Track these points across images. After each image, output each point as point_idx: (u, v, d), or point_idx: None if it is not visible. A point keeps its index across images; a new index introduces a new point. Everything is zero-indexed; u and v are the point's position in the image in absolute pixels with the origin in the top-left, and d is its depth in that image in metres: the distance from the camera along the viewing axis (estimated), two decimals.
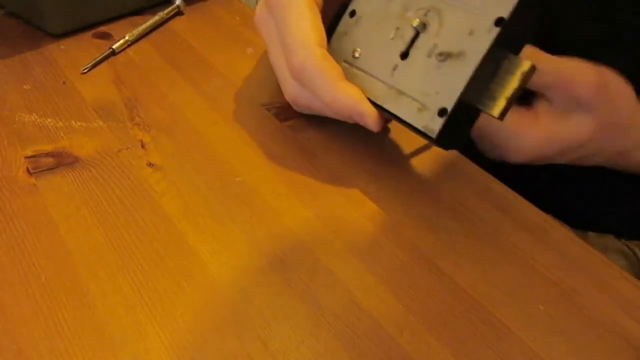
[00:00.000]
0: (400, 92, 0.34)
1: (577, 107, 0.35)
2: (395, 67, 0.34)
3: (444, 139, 0.32)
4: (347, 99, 0.34)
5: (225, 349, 0.27)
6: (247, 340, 0.27)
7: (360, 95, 0.34)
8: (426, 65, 0.33)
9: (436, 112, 0.32)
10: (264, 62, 0.50)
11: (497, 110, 0.30)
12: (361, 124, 0.35)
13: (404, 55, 0.34)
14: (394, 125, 0.42)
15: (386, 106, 0.34)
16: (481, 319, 0.29)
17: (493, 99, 0.31)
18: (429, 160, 0.39)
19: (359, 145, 0.40)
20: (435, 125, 0.32)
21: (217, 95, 0.45)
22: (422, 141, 0.41)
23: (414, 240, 0.33)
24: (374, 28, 0.36)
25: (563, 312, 0.29)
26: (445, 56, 0.32)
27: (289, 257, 0.32)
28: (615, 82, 0.35)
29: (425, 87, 0.32)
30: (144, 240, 0.32)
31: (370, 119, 0.34)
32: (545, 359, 0.27)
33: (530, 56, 0.34)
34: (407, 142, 0.41)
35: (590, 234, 0.49)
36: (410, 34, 0.34)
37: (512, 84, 0.30)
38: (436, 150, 0.40)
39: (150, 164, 0.37)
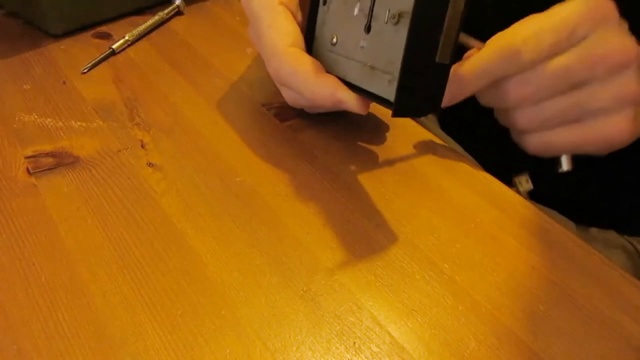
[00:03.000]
0: (372, 68, 0.33)
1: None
2: (362, 43, 0.34)
3: (406, 108, 0.30)
4: (324, 89, 0.34)
5: (225, 349, 0.27)
6: (247, 340, 0.27)
7: (336, 84, 0.34)
8: (385, 32, 0.32)
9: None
10: (264, 62, 0.50)
11: (445, 57, 0.29)
12: (347, 110, 0.34)
13: (368, 29, 0.33)
14: (394, 125, 0.42)
15: (363, 85, 0.34)
16: (481, 319, 0.29)
17: (445, 49, 0.29)
18: (429, 161, 0.39)
19: (359, 145, 0.40)
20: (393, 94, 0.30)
21: (217, 95, 0.45)
22: (423, 141, 0.41)
23: (414, 240, 0.33)
24: (340, 10, 0.36)
25: (563, 312, 0.29)
26: (397, 18, 0.31)
27: (289, 257, 0.32)
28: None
29: (389, 55, 0.31)
30: (144, 240, 0.32)
31: (350, 104, 0.34)
32: (545, 359, 0.27)
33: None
34: (407, 142, 0.41)
35: (593, 229, 0.49)
36: (368, 5, 0.33)
37: (455, 26, 0.29)
38: (437, 150, 0.40)
39: (150, 164, 0.37)
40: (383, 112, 0.43)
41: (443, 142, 0.41)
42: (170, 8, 0.56)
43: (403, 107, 0.30)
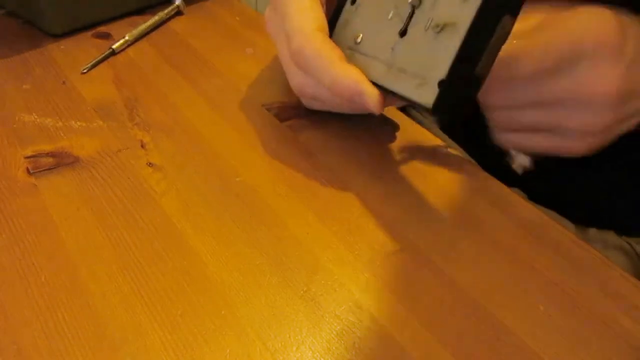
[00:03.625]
0: (401, 70, 0.34)
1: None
2: (394, 46, 0.34)
3: (442, 109, 0.32)
4: (347, 79, 0.34)
5: (225, 349, 0.27)
6: (247, 340, 0.27)
7: (360, 75, 0.34)
8: (423, 39, 0.33)
9: (436, 85, 0.32)
10: (264, 62, 0.50)
11: (484, 71, 0.31)
12: (362, 106, 0.34)
13: (403, 33, 0.34)
14: (394, 126, 0.42)
15: (387, 85, 0.34)
16: (481, 319, 0.29)
17: (486, 63, 0.31)
18: (429, 161, 0.39)
19: (359, 145, 0.40)
20: (432, 96, 0.32)
21: (217, 95, 0.45)
22: (423, 142, 0.41)
23: (414, 240, 0.33)
24: (373, 12, 0.36)
25: (563, 312, 0.29)
26: (440, 27, 0.32)
27: (289, 257, 0.32)
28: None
29: (424, 61, 0.33)
30: (144, 240, 0.32)
31: (370, 98, 0.33)
32: (545, 359, 0.27)
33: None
34: (407, 142, 0.41)
35: (591, 230, 0.49)
36: (407, 11, 0.34)
37: (498, 45, 0.31)
38: (437, 150, 0.40)
39: (150, 164, 0.37)
40: (384, 112, 0.43)
41: (443, 143, 0.41)
42: (170, 8, 0.56)
43: (439, 107, 0.32)
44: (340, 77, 0.34)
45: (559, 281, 0.31)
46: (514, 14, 0.31)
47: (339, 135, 0.41)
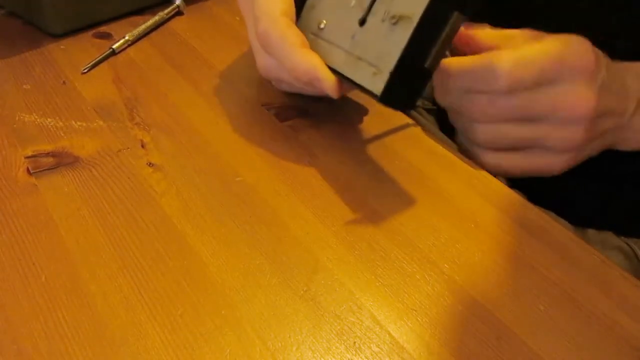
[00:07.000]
0: (359, 58, 0.35)
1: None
2: (354, 34, 0.35)
3: (391, 99, 0.33)
4: (305, 64, 0.35)
5: (225, 348, 0.27)
6: (247, 340, 0.27)
7: (319, 61, 0.35)
8: (380, 29, 0.34)
9: (388, 74, 0.32)
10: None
11: (433, 65, 0.32)
12: (320, 91, 0.35)
13: (362, 22, 0.35)
14: (395, 126, 0.42)
15: (345, 73, 0.35)
16: (481, 319, 0.29)
17: (436, 57, 0.32)
18: (429, 161, 0.39)
19: (359, 145, 0.40)
20: (382, 86, 0.33)
21: (217, 95, 0.45)
22: (423, 143, 0.41)
23: (413, 240, 0.33)
24: None
25: (563, 312, 0.29)
26: (396, 19, 0.33)
27: (289, 257, 0.32)
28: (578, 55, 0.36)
29: (379, 51, 0.33)
30: (144, 240, 0.32)
31: (327, 84, 0.34)
32: (545, 359, 0.27)
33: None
34: (407, 142, 0.41)
35: (590, 230, 0.49)
36: (368, 1, 0.35)
37: (448, 41, 0.32)
38: (436, 151, 0.40)
39: (150, 164, 0.37)
40: (384, 113, 0.43)
41: (443, 143, 0.41)
42: (170, 8, 0.56)
43: (388, 97, 0.33)
44: (299, 62, 0.35)
45: (559, 281, 0.31)
46: (465, 12, 0.32)
47: (339, 135, 0.41)
